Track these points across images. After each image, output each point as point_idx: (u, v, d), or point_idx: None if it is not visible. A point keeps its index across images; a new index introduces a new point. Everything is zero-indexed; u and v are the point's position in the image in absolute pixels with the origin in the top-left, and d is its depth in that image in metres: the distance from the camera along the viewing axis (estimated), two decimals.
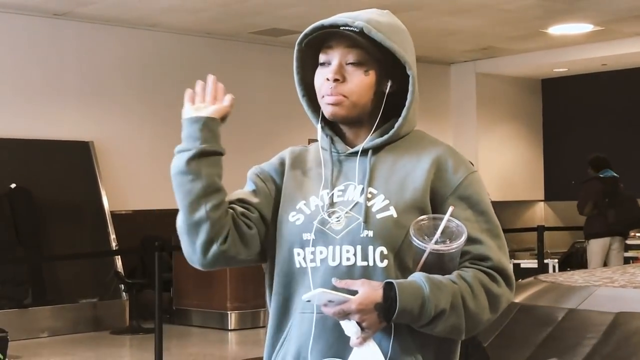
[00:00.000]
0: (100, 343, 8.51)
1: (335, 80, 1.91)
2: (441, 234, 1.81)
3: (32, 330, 8.70)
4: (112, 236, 9.52)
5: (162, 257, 7.12)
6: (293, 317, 1.93)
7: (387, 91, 1.95)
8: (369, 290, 1.78)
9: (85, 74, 9.90)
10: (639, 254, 11.01)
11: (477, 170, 1.98)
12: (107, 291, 9.44)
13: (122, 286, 9.39)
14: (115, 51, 10.14)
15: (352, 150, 1.96)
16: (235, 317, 9.07)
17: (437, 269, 1.82)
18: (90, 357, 7.96)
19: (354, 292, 1.78)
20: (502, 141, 13.46)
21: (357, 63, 1.91)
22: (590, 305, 4.40)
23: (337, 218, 1.90)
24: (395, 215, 1.87)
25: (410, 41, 1.98)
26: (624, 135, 12.67)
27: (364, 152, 1.95)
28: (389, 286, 1.78)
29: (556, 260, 10.84)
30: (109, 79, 10.08)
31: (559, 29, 10.88)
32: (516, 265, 10.42)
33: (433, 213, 1.88)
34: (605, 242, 9.85)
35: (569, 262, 11.09)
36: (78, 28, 9.83)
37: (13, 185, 9.02)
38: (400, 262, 1.86)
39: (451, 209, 1.84)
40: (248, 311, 9.10)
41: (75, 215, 9.49)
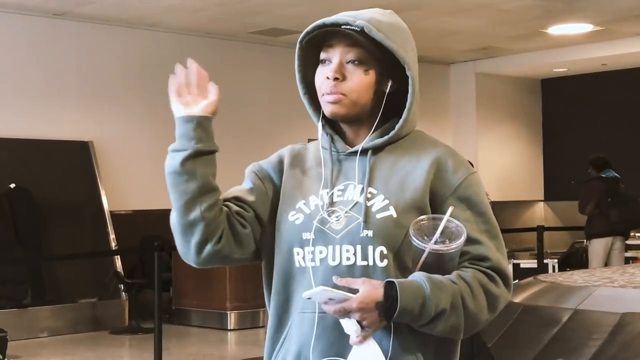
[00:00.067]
0: (99, 343, 8.51)
1: (335, 78, 1.91)
2: (440, 234, 1.81)
3: (32, 330, 8.70)
4: (112, 236, 9.52)
5: (162, 257, 7.12)
6: (293, 316, 1.94)
7: (387, 91, 1.95)
8: (369, 288, 1.78)
9: (85, 73, 9.90)
10: (638, 254, 11.01)
11: (476, 171, 1.99)
12: (107, 291, 9.44)
13: (121, 286, 9.39)
14: (114, 51, 10.14)
15: (351, 149, 1.96)
16: (234, 317, 9.07)
17: (437, 268, 1.82)
18: (90, 357, 7.96)
19: (354, 291, 1.78)
20: (502, 141, 13.46)
21: (357, 62, 1.92)
22: (590, 305, 4.39)
23: (337, 217, 1.90)
24: (395, 215, 1.87)
25: (412, 42, 1.98)
26: (624, 135, 12.67)
27: (363, 152, 1.95)
28: (389, 285, 1.78)
29: (556, 260, 10.85)
30: (109, 79, 10.08)
31: (558, 29, 10.88)
32: (516, 266, 10.43)
33: (432, 213, 1.88)
34: (608, 242, 9.86)
35: (569, 262, 11.09)
36: (77, 28, 9.83)
37: (12, 185, 9.02)
38: (399, 261, 1.87)
39: (451, 209, 1.84)
40: (247, 311, 9.10)
41: (74, 215, 9.49)
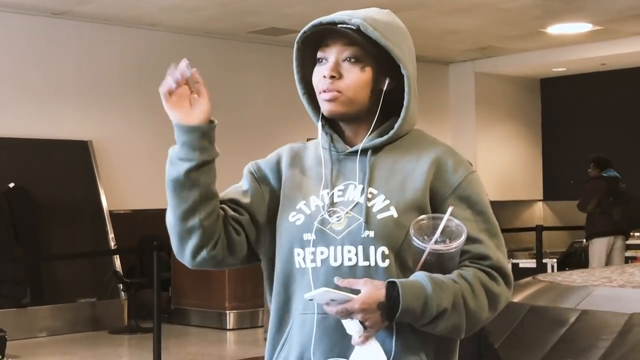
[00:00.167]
0: (98, 342, 8.51)
1: (331, 76, 1.91)
2: (441, 234, 1.81)
3: (31, 330, 8.70)
4: (111, 235, 9.52)
5: (161, 256, 7.13)
6: (293, 317, 1.94)
7: (384, 89, 1.95)
8: (371, 289, 1.78)
9: (84, 73, 9.90)
10: (638, 253, 11.02)
11: (476, 170, 1.99)
12: (106, 291, 9.44)
13: (120, 286, 9.39)
14: (114, 50, 10.13)
15: (351, 149, 1.96)
16: (233, 316, 9.07)
17: (437, 268, 1.82)
18: (89, 356, 7.96)
19: (356, 292, 1.78)
20: (501, 141, 13.46)
21: (354, 60, 1.92)
22: (597, 306, 4.38)
23: (338, 218, 1.90)
24: (395, 216, 1.87)
25: (409, 40, 1.98)
26: (623, 135, 12.67)
27: (363, 152, 1.95)
28: (391, 285, 1.79)
29: (555, 260, 10.85)
30: (108, 78, 10.08)
31: (557, 29, 10.89)
32: (515, 265, 10.42)
33: (432, 213, 1.88)
34: (609, 241, 9.88)
35: (568, 262, 11.09)
36: (76, 27, 9.83)
37: (11, 185, 9.02)
38: (401, 261, 1.87)
39: (451, 209, 1.84)
40: (246, 311, 9.10)
41: (73, 215, 9.49)
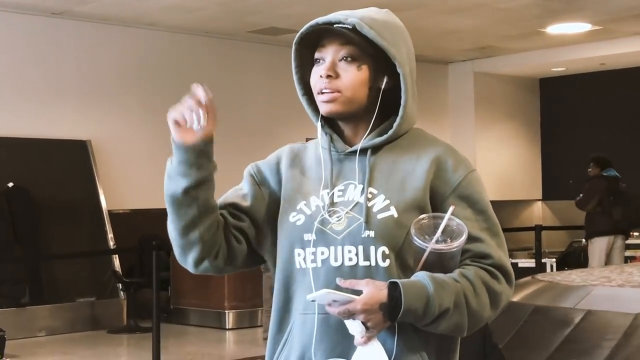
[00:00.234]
0: (97, 342, 8.51)
1: (328, 76, 1.91)
2: (442, 233, 1.81)
3: (30, 329, 8.70)
4: (110, 235, 9.52)
5: (160, 256, 7.12)
6: (294, 317, 1.94)
7: (382, 87, 1.95)
8: (373, 290, 1.78)
9: (83, 72, 9.89)
10: (637, 253, 11.02)
11: (476, 169, 1.99)
12: (105, 290, 9.44)
13: (119, 285, 9.39)
14: (113, 50, 10.13)
15: (351, 149, 1.96)
16: (232, 316, 9.07)
17: (438, 267, 1.83)
18: (88, 356, 7.95)
19: (358, 292, 1.79)
20: (500, 140, 13.46)
21: (350, 59, 1.92)
22: (602, 306, 4.37)
23: (338, 218, 1.90)
24: (396, 215, 1.87)
25: (407, 40, 1.98)
26: (623, 135, 12.68)
27: (363, 151, 1.95)
28: (393, 286, 1.79)
29: (554, 260, 10.85)
30: (107, 78, 10.07)
31: (557, 28, 10.89)
32: (514, 265, 10.31)
33: (433, 212, 1.88)
34: (609, 241, 9.88)
35: (567, 262, 11.09)
36: (76, 27, 9.82)
37: (11, 184, 9.02)
38: (401, 261, 1.87)
39: (452, 208, 1.84)
40: (246, 310, 9.11)
41: (73, 214, 9.49)
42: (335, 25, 1.92)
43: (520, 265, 10.35)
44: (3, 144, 9.16)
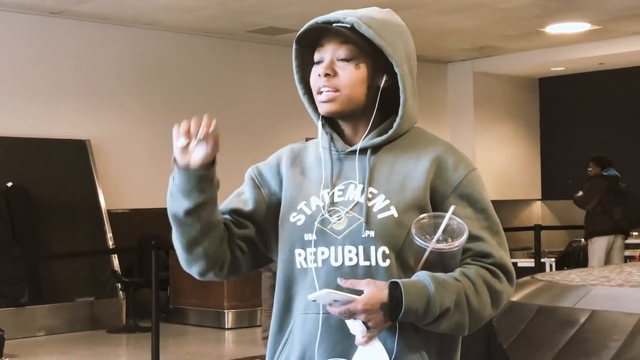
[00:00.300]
0: (97, 342, 8.50)
1: (326, 75, 1.92)
2: (442, 232, 1.81)
3: (29, 329, 8.69)
4: (109, 235, 9.52)
5: (159, 255, 7.12)
6: (295, 317, 1.94)
7: (381, 86, 1.94)
8: (374, 290, 1.78)
9: (83, 72, 9.89)
10: (636, 253, 11.02)
11: (476, 168, 1.98)
12: (104, 290, 9.44)
13: (119, 285, 9.38)
14: (112, 49, 10.12)
15: (351, 149, 1.96)
16: (232, 315, 9.07)
17: (439, 267, 1.82)
18: (87, 355, 7.95)
19: (359, 292, 1.79)
20: (500, 140, 13.46)
21: (348, 58, 1.92)
22: (607, 306, 4.36)
23: (338, 218, 1.90)
24: (396, 215, 1.87)
25: (407, 39, 1.98)
26: (622, 135, 12.68)
27: (363, 151, 1.95)
28: (394, 286, 1.79)
29: (553, 259, 10.85)
30: (106, 78, 10.07)
31: (556, 28, 10.89)
32: (513, 265, 10.41)
33: (433, 211, 1.88)
34: (609, 240, 9.88)
35: (566, 261, 11.10)
36: (75, 26, 9.82)
37: (10, 184, 9.01)
38: (402, 261, 1.87)
39: (453, 208, 1.84)
40: (245, 310, 9.10)
41: (72, 214, 9.48)
42: (333, 25, 1.92)
43: (519, 265, 10.34)
44: (2, 143, 9.15)
